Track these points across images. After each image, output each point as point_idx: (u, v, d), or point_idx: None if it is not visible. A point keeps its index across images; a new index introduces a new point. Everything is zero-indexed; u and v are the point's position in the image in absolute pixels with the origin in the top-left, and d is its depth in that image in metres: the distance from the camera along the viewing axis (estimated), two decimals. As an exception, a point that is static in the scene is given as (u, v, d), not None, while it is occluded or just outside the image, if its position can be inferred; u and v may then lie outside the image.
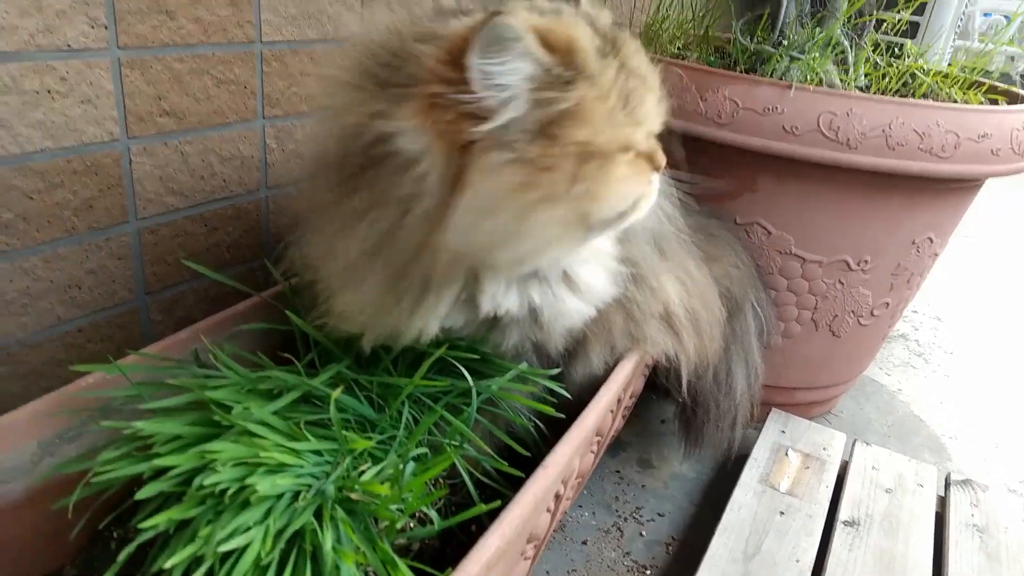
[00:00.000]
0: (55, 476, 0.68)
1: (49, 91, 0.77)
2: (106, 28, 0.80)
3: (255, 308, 0.87)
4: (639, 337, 0.80)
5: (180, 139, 0.92)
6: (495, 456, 0.72)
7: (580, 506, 1.14)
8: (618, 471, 1.23)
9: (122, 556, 0.51)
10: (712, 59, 1.26)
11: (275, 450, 0.56)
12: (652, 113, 0.65)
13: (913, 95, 1.17)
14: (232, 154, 0.99)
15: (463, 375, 0.73)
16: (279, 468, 0.55)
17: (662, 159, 0.67)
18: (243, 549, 0.48)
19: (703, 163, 1.15)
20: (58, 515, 0.69)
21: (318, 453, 0.62)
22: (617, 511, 1.15)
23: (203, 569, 0.47)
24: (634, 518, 1.14)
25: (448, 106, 0.54)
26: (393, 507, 0.59)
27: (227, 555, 0.49)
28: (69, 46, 0.77)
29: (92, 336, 0.91)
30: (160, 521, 0.49)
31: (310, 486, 0.58)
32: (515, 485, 0.72)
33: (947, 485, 1.22)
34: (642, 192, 0.65)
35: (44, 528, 0.70)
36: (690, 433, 1.08)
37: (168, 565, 0.47)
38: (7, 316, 0.81)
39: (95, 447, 0.71)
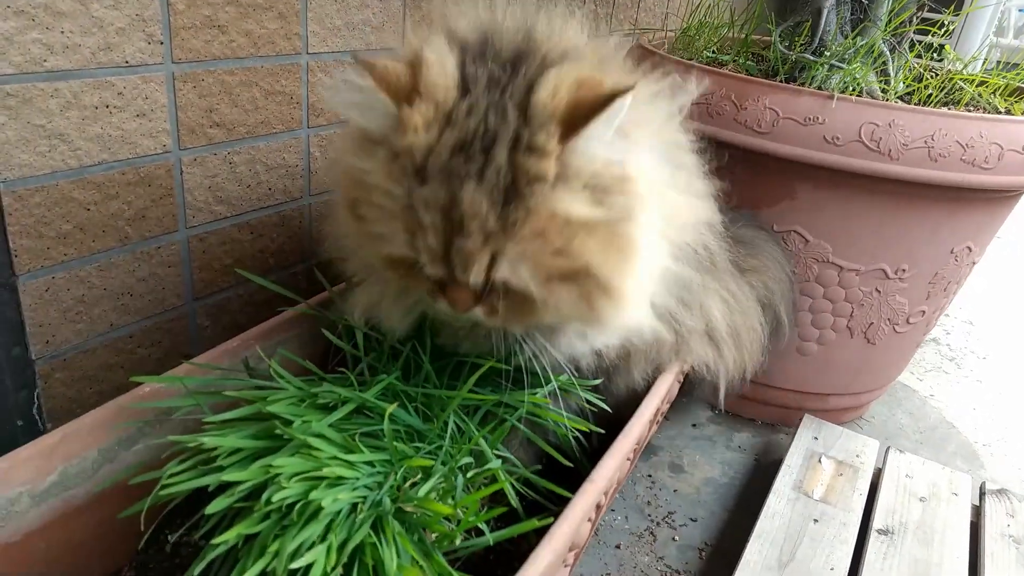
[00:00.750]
0: (117, 481, 0.70)
1: (107, 106, 0.79)
2: (162, 44, 0.82)
3: (301, 316, 0.89)
4: (683, 352, 0.81)
5: (229, 149, 0.94)
6: (534, 475, 0.73)
7: (613, 510, 1.15)
8: (650, 475, 1.24)
9: (197, 569, 0.53)
10: (750, 66, 1.26)
11: (334, 463, 0.57)
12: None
13: (956, 103, 1.16)
14: (278, 163, 1.01)
15: (500, 385, 0.74)
16: (338, 481, 0.57)
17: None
18: (309, 564, 0.50)
19: (740, 171, 1.16)
20: (115, 520, 0.71)
21: (371, 464, 0.64)
22: (650, 515, 1.16)
23: (274, 586, 0.49)
24: (667, 523, 1.15)
25: None
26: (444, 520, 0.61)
27: (294, 569, 0.51)
28: (127, 62, 0.79)
29: (142, 341, 0.93)
30: (230, 536, 0.51)
31: (365, 498, 0.60)
32: (552, 493, 0.74)
33: (982, 494, 1.21)
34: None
35: (104, 532, 0.73)
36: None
37: (242, 582, 0.49)
38: (64, 323, 0.84)
39: (153, 454, 0.73)
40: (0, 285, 0.77)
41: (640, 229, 0.61)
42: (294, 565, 0.49)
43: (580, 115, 0.55)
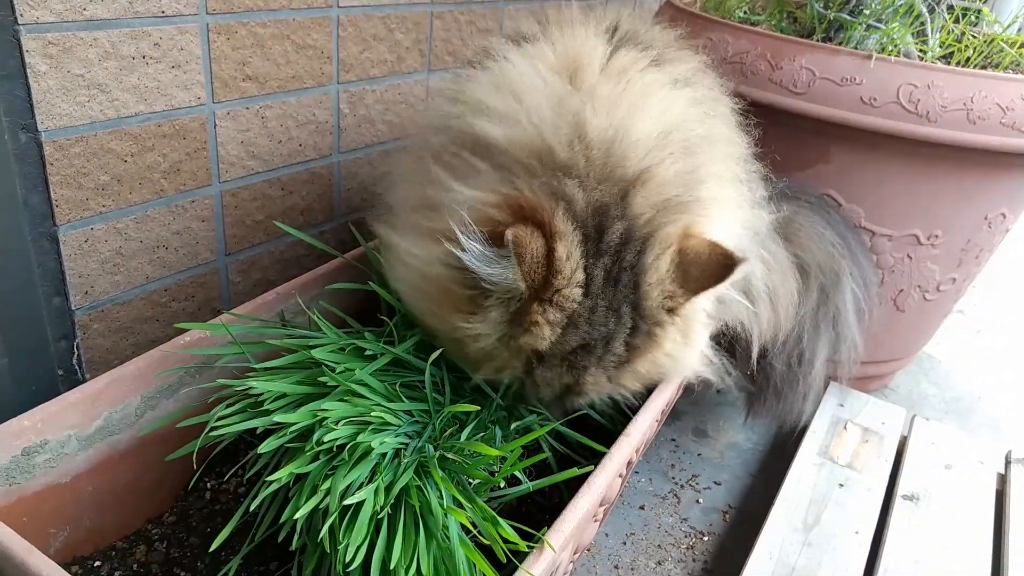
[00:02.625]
0: (159, 428, 0.72)
1: (144, 56, 0.79)
2: (197, -7, 0.81)
3: (337, 270, 0.89)
4: (719, 310, 0.80)
5: (261, 103, 0.93)
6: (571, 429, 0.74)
7: (637, 472, 1.16)
8: (674, 439, 1.25)
9: (253, 504, 0.54)
10: (784, 26, 1.24)
11: (378, 409, 0.58)
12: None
13: (995, 66, 1.14)
14: (308, 119, 1.00)
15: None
16: (383, 427, 0.58)
17: None
18: (359, 504, 0.50)
19: (775, 133, 1.14)
20: (158, 465, 0.72)
21: (409, 413, 0.64)
22: (674, 478, 1.16)
23: (330, 521, 0.50)
24: (691, 486, 1.15)
25: None
26: (483, 468, 0.61)
27: (344, 509, 0.52)
28: (163, 12, 0.79)
29: (176, 295, 0.94)
30: (283, 475, 0.52)
31: (407, 444, 0.60)
32: (582, 448, 0.74)
33: (1007, 463, 1.21)
34: None
35: (146, 477, 0.74)
36: (754, 405, 1.08)
37: (297, 516, 0.50)
38: (102, 275, 0.85)
39: (193, 401, 0.74)
40: (41, 235, 0.78)
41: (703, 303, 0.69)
42: (346, 502, 0.50)
43: (695, 287, 0.63)
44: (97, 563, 0.71)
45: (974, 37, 1.18)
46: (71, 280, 0.82)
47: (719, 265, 0.61)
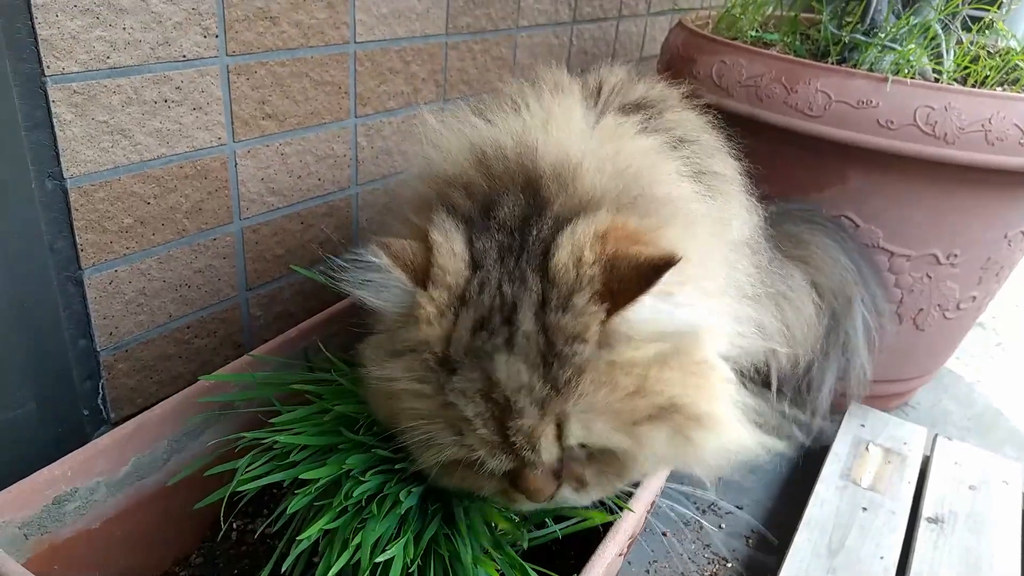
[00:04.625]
0: (185, 472, 0.72)
1: (166, 100, 0.80)
2: (217, 37, 0.82)
3: (353, 306, 0.89)
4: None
5: (280, 141, 0.94)
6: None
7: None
8: (694, 462, 1.24)
9: (286, 564, 0.54)
10: (799, 47, 1.23)
11: (403, 461, 0.58)
12: None
13: (1013, 83, 1.13)
14: (327, 153, 1.01)
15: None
16: (409, 478, 0.58)
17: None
18: (391, 558, 0.51)
19: (790, 155, 1.14)
20: (185, 508, 0.73)
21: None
22: (695, 503, 1.16)
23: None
24: (712, 511, 1.15)
25: None
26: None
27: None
28: (184, 56, 0.80)
29: (199, 332, 0.95)
30: (314, 531, 0.53)
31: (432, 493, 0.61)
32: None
33: (1033, 482, 1.20)
34: None
35: (173, 520, 0.75)
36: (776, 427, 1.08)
37: (330, 574, 0.50)
38: (127, 315, 0.86)
39: (220, 444, 0.75)
40: (67, 279, 0.79)
41: (711, 340, 0.57)
42: (378, 559, 0.50)
43: (621, 288, 0.51)
44: (127, 606, 0.72)
45: (989, 54, 1.18)
46: (96, 322, 0.83)
47: (641, 271, 0.50)
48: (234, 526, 0.79)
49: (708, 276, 0.59)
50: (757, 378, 0.88)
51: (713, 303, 0.59)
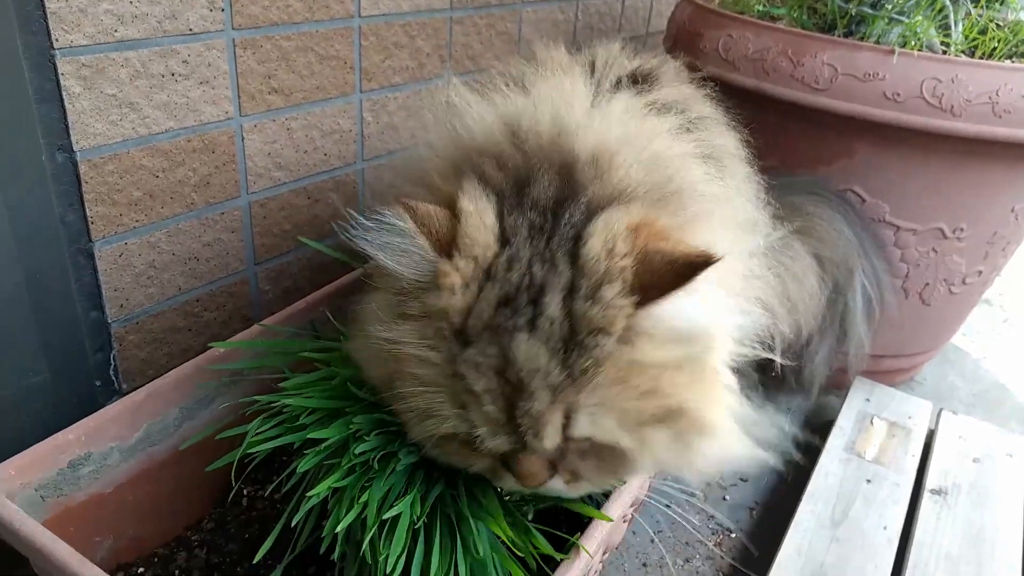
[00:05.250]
0: (196, 438, 0.74)
1: (173, 74, 0.81)
2: (223, 11, 0.82)
3: (360, 279, 0.91)
4: None
5: (287, 115, 0.95)
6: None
7: (663, 470, 1.17)
8: (699, 436, 1.25)
9: (296, 519, 0.55)
10: (805, 20, 1.23)
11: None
12: None
13: (1022, 56, 1.12)
14: (333, 128, 1.02)
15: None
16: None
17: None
18: (398, 514, 0.52)
19: (797, 129, 1.14)
20: (196, 474, 0.75)
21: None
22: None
23: (369, 535, 0.51)
24: (716, 483, 1.16)
25: None
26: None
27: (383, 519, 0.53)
28: (191, 30, 0.80)
29: (208, 305, 0.96)
30: (322, 489, 0.54)
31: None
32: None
33: (1037, 456, 1.20)
34: None
35: (185, 486, 0.76)
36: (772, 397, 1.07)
37: (338, 529, 0.52)
38: (137, 288, 0.87)
39: (230, 412, 0.76)
40: (78, 251, 0.80)
41: (722, 347, 0.57)
42: (385, 516, 0.51)
43: (653, 283, 0.50)
44: (140, 570, 0.74)
45: (999, 26, 1.17)
46: (107, 294, 0.84)
47: (677, 268, 0.50)
48: (244, 492, 0.81)
49: (732, 270, 0.60)
50: (760, 349, 0.88)
51: (733, 302, 0.59)
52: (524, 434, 0.51)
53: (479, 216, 0.54)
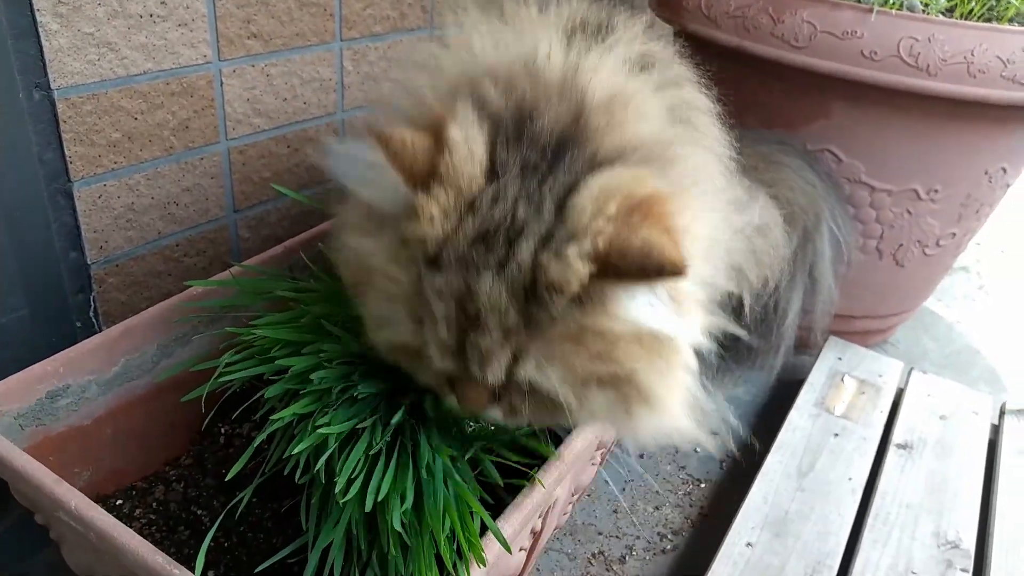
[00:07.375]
0: (174, 375, 0.75)
1: (151, 15, 0.81)
2: (200, -49, 0.82)
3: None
4: None
5: (266, 61, 0.95)
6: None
7: (638, 423, 1.20)
8: (674, 392, 1.28)
9: (259, 438, 0.57)
10: (788, -20, 1.23)
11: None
12: None
13: (999, 19, 1.13)
14: (312, 76, 1.02)
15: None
16: (377, 369, 0.61)
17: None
18: (356, 439, 0.54)
19: (777, 88, 1.15)
20: (174, 410, 0.76)
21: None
22: (673, 428, 1.19)
23: (324, 457, 0.53)
24: (690, 436, 1.19)
25: None
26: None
27: (343, 445, 0.55)
28: (168, -31, 0.80)
29: (188, 251, 0.97)
30: (287, 414, 0.55)
31: (405, 386, 0.63)
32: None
33: (1001, 414, 1.24)
34: None
35: (163, 422, 0.78)
36: (740, 357, 1.08)
37: (296, 451, 0.54)
38: (116, 230, 0.88)
39: (206, 350, 0.78)
40: (56, 191, 0.81)
41: (686, 333, 0.56)
42: (327, 431, 0.53)
43: (619, 264, 0.48)
44: (119, 502, 0.76)
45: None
46: (86, 235, 0.85)
47: (644, 266, 0.48)
48: (222, 431, 0.82)
49: (715, 255, 0.60)
50: (727, 305, 0.89)
51: (695, 318, 0.57)
52: (469, 364, 0.52)
53: (467, 145, 0.51)
